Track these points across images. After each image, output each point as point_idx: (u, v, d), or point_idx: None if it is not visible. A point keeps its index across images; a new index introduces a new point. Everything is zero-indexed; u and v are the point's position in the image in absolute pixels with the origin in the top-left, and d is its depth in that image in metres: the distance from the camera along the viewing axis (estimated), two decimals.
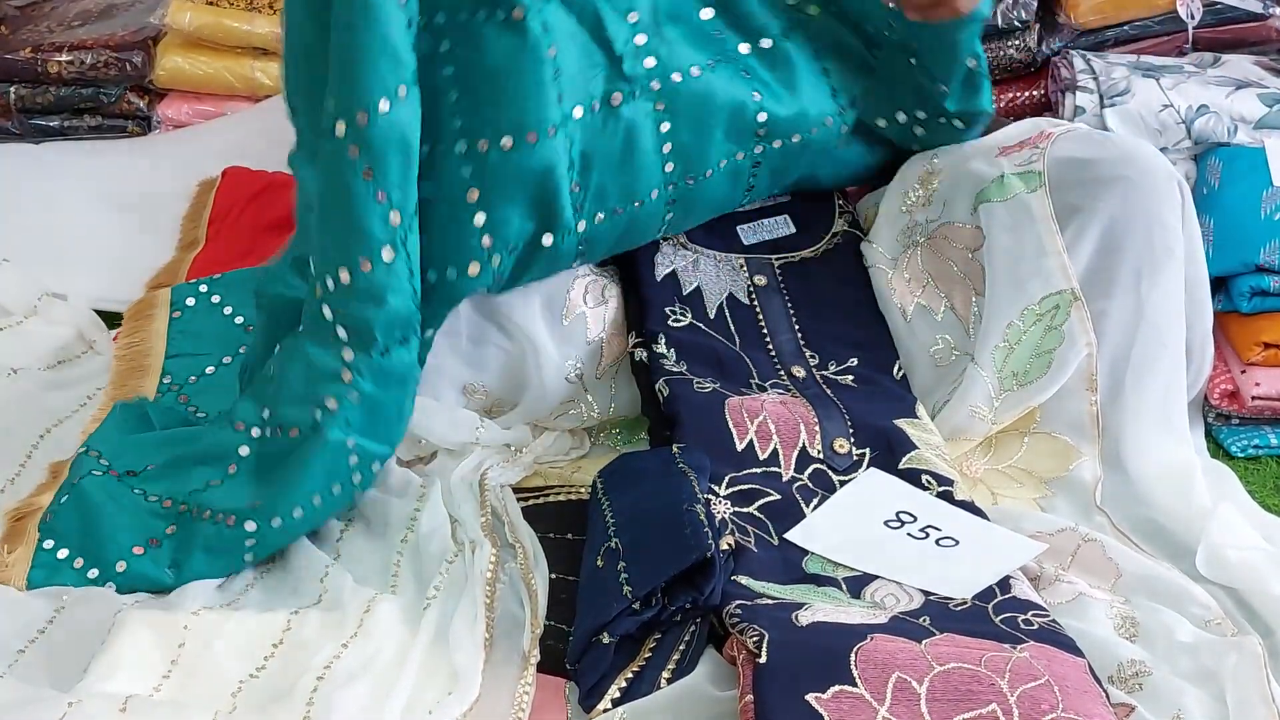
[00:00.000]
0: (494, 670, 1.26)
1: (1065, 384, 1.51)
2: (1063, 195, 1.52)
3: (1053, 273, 1.50)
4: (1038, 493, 1.52)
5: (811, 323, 1.61)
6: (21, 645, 1.30)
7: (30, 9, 2.47)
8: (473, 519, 1.42)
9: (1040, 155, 1.55)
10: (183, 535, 1.40)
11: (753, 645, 1.17)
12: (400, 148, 1.34)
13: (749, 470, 1.43)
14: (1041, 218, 1.52)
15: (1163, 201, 1.51)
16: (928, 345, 1.58)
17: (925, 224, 1.61)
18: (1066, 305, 1.50)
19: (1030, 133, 1.61)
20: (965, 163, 1.61)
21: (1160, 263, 1.50)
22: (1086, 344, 1.50)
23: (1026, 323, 1.51)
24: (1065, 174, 1.53)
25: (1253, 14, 2.07)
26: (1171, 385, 1.53)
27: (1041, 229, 1.51)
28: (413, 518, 1.43)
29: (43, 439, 1.57)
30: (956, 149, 1.64)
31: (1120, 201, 1.50)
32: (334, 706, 1.18)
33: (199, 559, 1.39)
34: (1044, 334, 1.50)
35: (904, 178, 1.67)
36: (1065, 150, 1.55)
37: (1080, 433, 1.52)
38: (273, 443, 1.42)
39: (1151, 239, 1.50)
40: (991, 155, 1.59)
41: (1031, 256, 1.51)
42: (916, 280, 1.60)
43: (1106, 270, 1.50)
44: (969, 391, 1.51)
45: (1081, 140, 1.57)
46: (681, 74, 1.50)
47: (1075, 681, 1.15)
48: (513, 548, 1.40)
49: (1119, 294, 1.50)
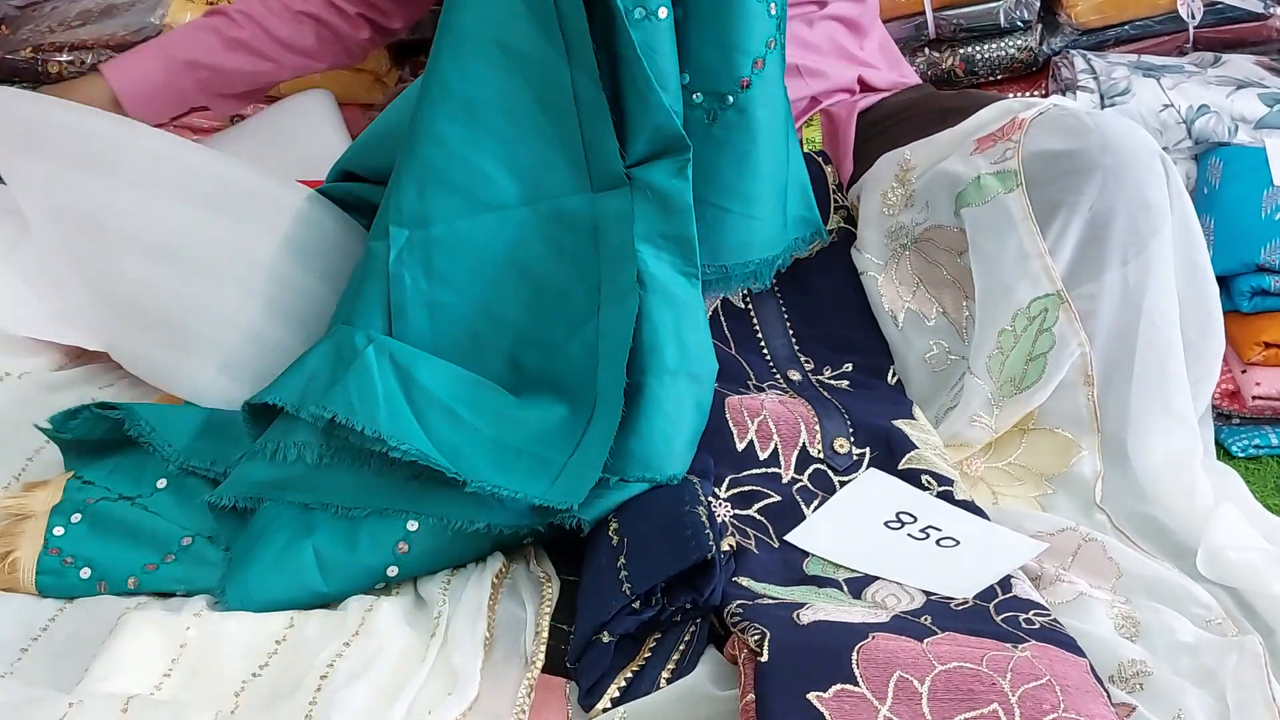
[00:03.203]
0: (494, 670, 1.26)
1: (1061, 380, 1.51)
2: (1042, 190, 1.50)
3: (1038, 276, 1.49)
4: (1038, 490, 1.52)
5: (805, 327, 1.61)
6: (23, 645, 1.30)
7: (31, 8, 2.47)
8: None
9: (1015, 150, 1.52)
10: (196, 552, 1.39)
11: (754, 644, 1.17)
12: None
13: (749, 471, 1.43)
14: (1021, 219, 1.50)
15: (1145, 185, 1.48)
16: (922, 352, 1.58)
17: (911, 227, 1.60)
18: (1055, 308, 1.49)
19: (1002, 120, 1.58)
20: (940, 159, 1.59)
21: (1145, 243, 1.48)
22: (1078, 344, 1.49)
23: (1018, 327, 1.50)
24: (1042, 169, 1.50)
25: (1253, 14, 2.07)
26: (1168, 366, 1.50)
27: (1022, 231, 1.50)
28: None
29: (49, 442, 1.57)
30: (928, 142, 1.63)
31: (1100, 191, 1.47)
32: (336, 706, 1.18)
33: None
34: (1035, 338, 1.50)
35: (878, 176, 1.66)
36: (1040, 143, 1.52)
37: (1079, 426, 1.52)
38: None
39: (1135, 223, 1.47)
40: (966, 150, 1.57)
41: (1016, 260, 1.50)
42: (906, 286, 1.60)
43: (1092, 259, 1.49)
44: (970, 401, 1.52)
45: (1056, 127, 1.53)
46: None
47: (1076, 681, 1.15)
48: (523, 557, 1.40)
49: (1106, 281, 1.48)
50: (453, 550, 1.35)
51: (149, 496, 1.43)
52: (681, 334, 1.38)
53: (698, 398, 1.40)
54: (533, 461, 1.34)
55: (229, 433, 1.46)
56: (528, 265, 1.42)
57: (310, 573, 1.33)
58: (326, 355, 1.39)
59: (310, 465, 1.36)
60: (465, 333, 1.42)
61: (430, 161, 1.41)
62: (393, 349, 1.38)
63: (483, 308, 1.42)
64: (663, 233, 1.39)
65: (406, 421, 1.32)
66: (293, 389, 1.37)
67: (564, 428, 1.36)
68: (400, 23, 1.98)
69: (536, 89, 1.39)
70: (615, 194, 1.40)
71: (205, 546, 1.38)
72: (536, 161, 1.40)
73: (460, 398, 1.37)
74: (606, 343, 1.38)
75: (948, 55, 2.14)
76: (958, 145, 1.59)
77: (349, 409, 1.31)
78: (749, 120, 1.46)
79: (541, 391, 1.40)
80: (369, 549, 1.33)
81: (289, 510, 1.35)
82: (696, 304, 1.41)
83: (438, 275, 1.42)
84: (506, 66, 1.39)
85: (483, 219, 1.41)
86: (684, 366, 1.38)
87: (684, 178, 1.39)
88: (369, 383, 1.33)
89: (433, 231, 1.41)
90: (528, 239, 1.42)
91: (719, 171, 1.47)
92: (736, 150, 1.47)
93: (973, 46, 2.14)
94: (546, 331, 1.42)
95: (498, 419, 1.37)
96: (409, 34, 2.20)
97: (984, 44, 2.13)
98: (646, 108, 1.38)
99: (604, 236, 1.40)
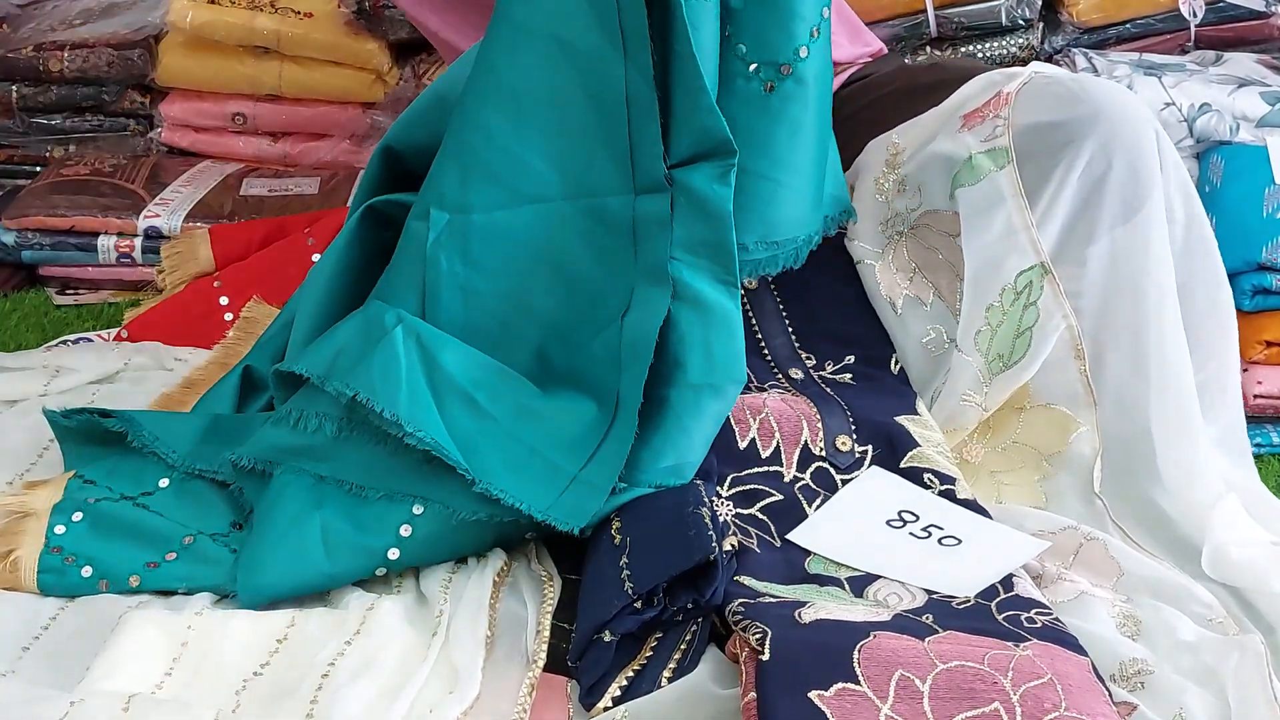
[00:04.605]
0: (495, 669, 1.26)
1: (1052, 355, 1.49)
2: (1035, 163, 1.49)
3: (1025, 249, 1.48)
4: (1038, 472, 1.51)
5: (804, 323, 1.61)
6: (24, 644, 1.29)
7: (32, 7, 2.47)
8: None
9: (1005, 126, 1.51)
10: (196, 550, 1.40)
11: (755, 642, 1.17)
12: None
13: (751, 470, 1.43)
14: (1011, 194, 1.49)
15: (1138, 153, 1.47)
16: (920, 337, 1.58)
17: (906, 213, 1.59)
18: (1039, 279, 1.48)
19: (987, 93, 1.56)
20: (930, 141, 1.58)
21: (1134, 211, 1.47)
22: (1062, 316, 1.48)
23: (1006, 302, 1.49)
24: (1033, 143, 1.49)
25: (1255, 12, 2.07)
26: (1165, 335, 1.48)
27: (1011, 206, 1.49)
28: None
29: (54, 441, 1.57)
30: (914, 124, 1.61)
31: (1091, 160, 1.46)
32: (338, 704, 1.18)
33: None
34: (1022, 312, 1.49)
35: (868, 164, 1.64)
36: (1030, 115, 1.50)
37: (1075, 401, 1.50)
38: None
39: (1125, 191, 1.47)
40: (954, 128, 1.56)
41: (1003, 234, 1.49)
42: (904, 272, 1.60)
43: (1083, 230, 1.48)
44: (958, 379, 1.51)
45: (1044, 97, 1.51)
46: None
47: (1078, 680, 1.15)
48: (524, 554, 1.40)
49: (1094, 252, 1.48)
50: (455, 539, 1.36)
51: (150, 495, 1.43)
52: (710, 345, 1.38)
53: (718, 410, 1.39)
54: (544, 467, 1.34)
55: (233, 436, 1.47)
56: (564, 261, 1.42)
57: (315, 548, 1.33)
58: (357, 330, 1.40)
59: (329, 437, 1.37)
60: (496, 321, 1.43)
61: (475, 150, 1.41)
62: (420, 331, 1.38)
63: (515, 298, 1.43)
64: (702, 239, 1.38)
65: (425, 407, 1.33)
66: (321, 360, 1.38)
67: (582, 433, 1.37)
68: None
69: (589, 85, 1.38)
70: (656, 197, 1.39)
71: (207, 544, 1.38)
72: (581, 157, 1.40)
73: (482, 385, 1.38)
74: (629, 351, 1.38)
75: (949, 54, 2.14)
76: (944, 123, 1.58)
77: (370, 388, 1.32)
78: (805, 90, 1.44)
79: (565, 388, 1.40)
80: (374, 529, 1.34)
81: (300, 481, 1.36)
82: (730, 313, 1.40)
83: (474, 262, 1.42)
84: (560, 61, 1.38)
85: (523, 211, 1.41)
86: (708, 379, 1.37)
87: (726, 183, 1.38)
88: (393, 364, 1.34)
89: (472, 218, 1.42)
90: (566, 234, 1.42)
91: (774, 143, 1.45)
92: (792, 121, 1.45)
93: (974, 45, 2.14)
94: (576, 328, 1.42)
95: (517, 411, 1.37)
96: (409, 34, 2.20)
97: (985, 42, 2.13)
98: (696, 108, 1.37)
99: (642, 240, 1.40)
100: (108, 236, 2.11)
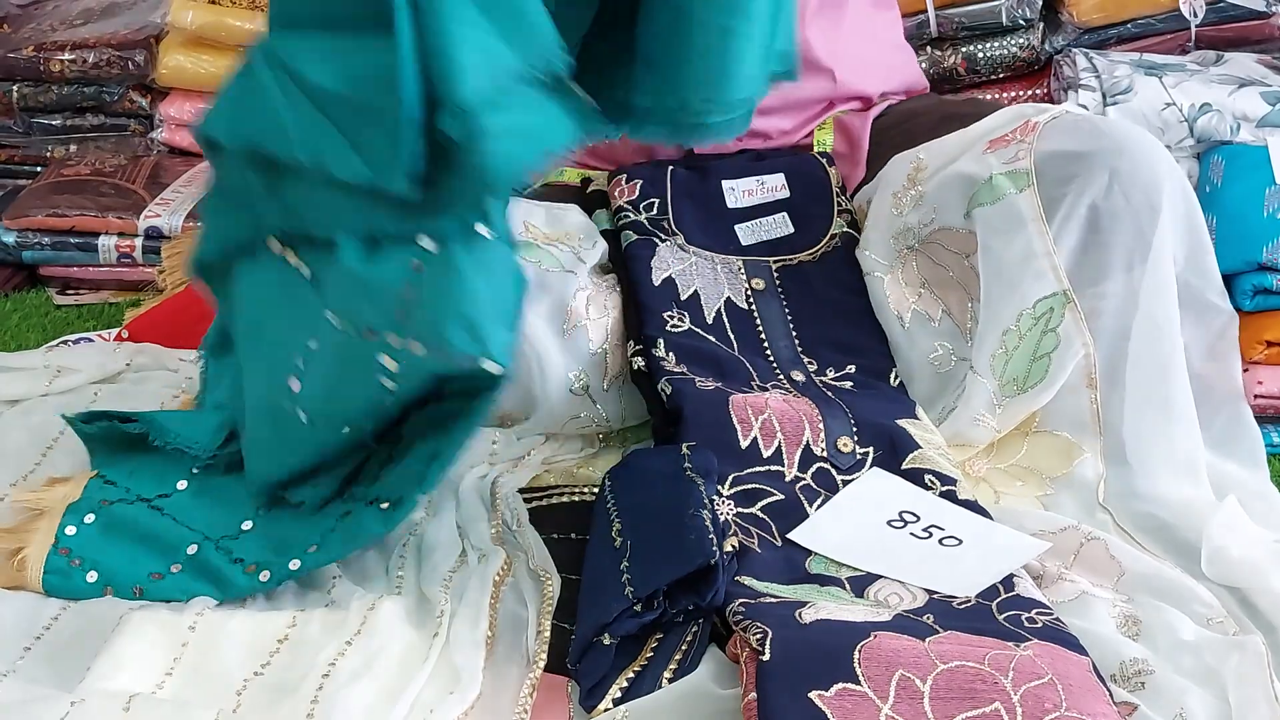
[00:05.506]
0: (496, 669, 1.26)
1: (1065, 382, 1.51)
2: (1053, 189, 1.50)
3: (1045, 274, 1.49)
4: (1040, 490, 1.52)
5: (808, 329, 1.61)
6: (26, 643, 1.29)
7: (33, 7, 2.47)
8: (484, 531, 1.42)
9: (1027, 151, 1.53)
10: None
11: (756, 643, 1.17)
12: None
13: (752, 469, 1.43)
14: (1032, 218, 1.50)
15: (1154, 190, 1.48)
16: (927, 352, 1.58)
17: (919, 228, 1.60)
18: (1060, 307, 1.49)
19: (1014, 123, 1.58)
20: (952, 160, 1.59)
21: (1149, 247, 1.48)
22: (1082, 344, 1.49)
23: (1023, 327, 1.50)
24: (1054, 169, 1.50)
25: (1256, 12, 2.07)
26: (1170, 368, 1.50)
27: (1031, 230, 1.50)
28: (417, 522, 1.43)
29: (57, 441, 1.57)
30: (940, 143, 1.62)
31: (1106, 190, 1.47)
32: (338, 705, 1.18)
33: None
34: (1040, 337, 1.50)
35: (891, 177, 1.65)
36: (1052, 144, 1.52)
37: (1082, 429, 1.52)
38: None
39: (1141, 227, 1.48)
40: (978, 151, 1.57)
41: (1023, 259, 1.50)
42: (913, 287, 1.60)
43: (1097, 260, 1.49)
44: (971, 399, 1.51)
45: (1069, 130, 1.53)
46: None
47: (1079, 680, 1.15)
48: (523, 554, 1.40)
49: (1112, 285, 1.48)
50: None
51: (167, 498, 1.42)
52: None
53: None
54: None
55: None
56: None
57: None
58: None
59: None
60: None
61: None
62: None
63: None
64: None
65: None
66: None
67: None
68: None
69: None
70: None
71: (211, 553, 1.37)
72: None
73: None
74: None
75: (950, 53, 2.14)
76: (969, 146, 1.59)
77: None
78: None
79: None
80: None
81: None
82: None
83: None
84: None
85: None
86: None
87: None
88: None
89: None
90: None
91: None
92: None
93: (975, 45, 2.14)
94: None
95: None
96: None
97: (986, 42, 2.14)
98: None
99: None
100: (108, 236, 2.12)
